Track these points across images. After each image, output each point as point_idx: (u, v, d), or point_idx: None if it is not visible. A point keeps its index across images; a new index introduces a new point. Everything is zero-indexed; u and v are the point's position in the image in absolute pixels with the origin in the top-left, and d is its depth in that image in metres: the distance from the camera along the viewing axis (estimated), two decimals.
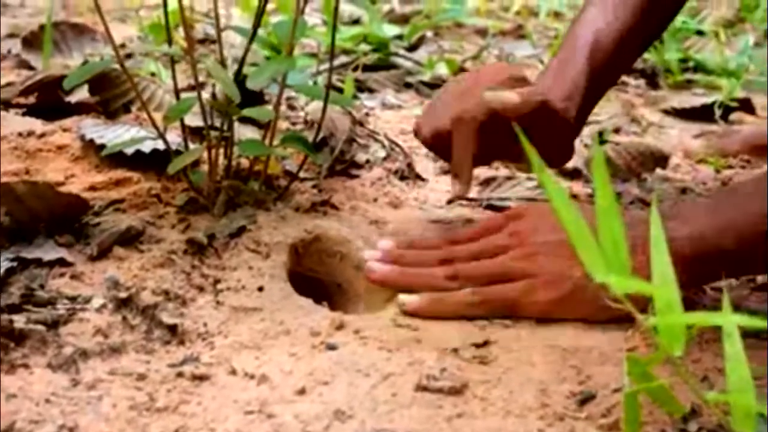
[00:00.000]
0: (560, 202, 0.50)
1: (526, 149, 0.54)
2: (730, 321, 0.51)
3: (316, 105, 1.15)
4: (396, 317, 0.98)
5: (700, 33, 2.09)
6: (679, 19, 2.07)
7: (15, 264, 0.97)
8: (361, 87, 1.72)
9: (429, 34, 2.13)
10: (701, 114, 1.71)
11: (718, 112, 1.68)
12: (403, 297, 0.97)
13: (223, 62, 1.12)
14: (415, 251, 1.04)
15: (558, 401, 0.82)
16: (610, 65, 1.16)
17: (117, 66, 1.07)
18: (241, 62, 1.11)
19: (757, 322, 0.51)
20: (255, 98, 1.30)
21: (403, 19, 2.23)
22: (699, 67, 1.95)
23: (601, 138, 1.42)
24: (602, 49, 1.15)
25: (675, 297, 0.51)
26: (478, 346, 0.91)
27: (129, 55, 1.78)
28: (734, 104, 1.71)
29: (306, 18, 2.04)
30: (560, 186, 0.54)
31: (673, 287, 0.51)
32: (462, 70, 1.84)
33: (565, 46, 1.17)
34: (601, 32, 1.16)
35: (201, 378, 0.84)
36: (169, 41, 1.13)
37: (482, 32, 2.25)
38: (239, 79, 1.09)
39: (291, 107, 1.51)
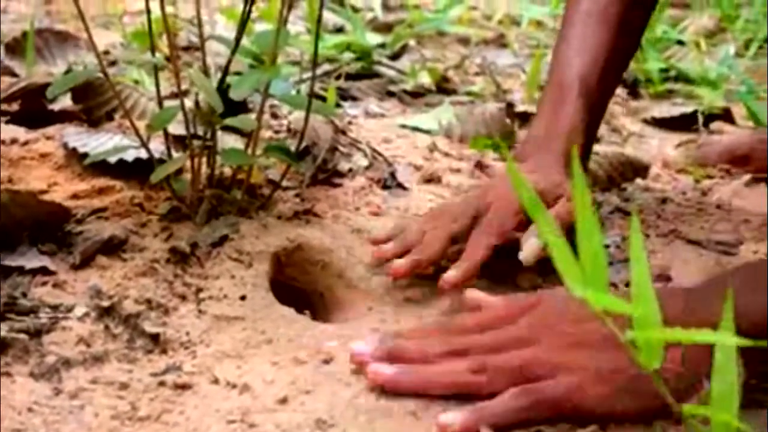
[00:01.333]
0: (538, 214, 0.50)
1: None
2: (709, 338, 0.51)
3: (299, 114, 1.16)
4: (377, 326, 0.98)
5: (680, 43, 2.10)
6: (660, 29, 2.08)
7: None
8: (344, 95, 1.73)
9: (412, 42, 2.13)
10: (682, 124, 1.72)
11: (700, 120, 1.69)
12: (445, 418, 0.80)
13: (206, 71, 1.13)
14: (415, 343, 0.88)
15: None
16: (601, 97, 1.18)
17: (100, 74, 1.07)
18: (225, 72, 1.12)
19: (742, 342, 0.51)
20: (238, 107, 1.30)
21: (386, 28, 2.24)
22: (680, 77, 1.96)
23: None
24: (591, 87, 1.16)
25: (653, 312, 0.52)
26: None
27: (113, 63, 1.79)
28: (716, 111, 1.73)
29: (290, 26, 2.05)
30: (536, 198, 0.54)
31: (651, 303, 0.52)
32: (444, 79, 1.85)
33: (554, 96, 1.17)
34: (586, 69, 1.16)
35: (183, 387, 0.84)
36: (152, 49, 1.13)
37: (465, 41, 2.26)
38: (223, 88, 1.09)
39: (274, 116, 1.52)
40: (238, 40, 1.09)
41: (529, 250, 1.02)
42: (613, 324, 0.52)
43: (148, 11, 1.10)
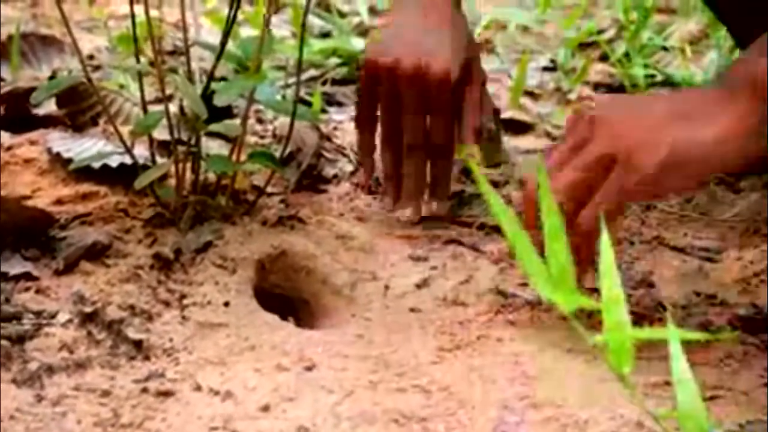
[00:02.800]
0: (504, 218, 0.51)
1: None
2: (676, 336, 0.52)
3: (285, 119, 1.16)
4: (361, 333, 0.98)
5: (665, 49, 2.11)
6: (646, 35, 2.09)
7: None
8: (330, 101, 1.73)
9: None
10: None
11: None
12: None
13: (190, 76, 1.13)
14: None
15: (517, 414, 0.83)
16: None
17: (85, 79, 1.07)
18: (209, 77, 1.12)
19: (701, 336, 0.51)
20: (223, 112, 1.30)
21: None
22: (666, 83, 1.96)
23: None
24: None
25: (623, 315, 0.52)
26: (435, 363, 0.92)
27: (98, 67, 1.78)
28: None
29: (276, 30, 2.04)
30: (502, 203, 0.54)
31: (621, 305, 0.52)
32: None
33: None
34: None
35: (166, 394, 0.84)
36: (137, 55, 1.13)
37: None
38: (207, 93, 1.09)
39: (260, 120, 1.52)
40: (222, 45, 1.09)
41: None
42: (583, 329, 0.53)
43: (133, 16, 1.10)
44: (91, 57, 1.89)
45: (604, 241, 0.53)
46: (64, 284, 0.99)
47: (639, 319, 0.99)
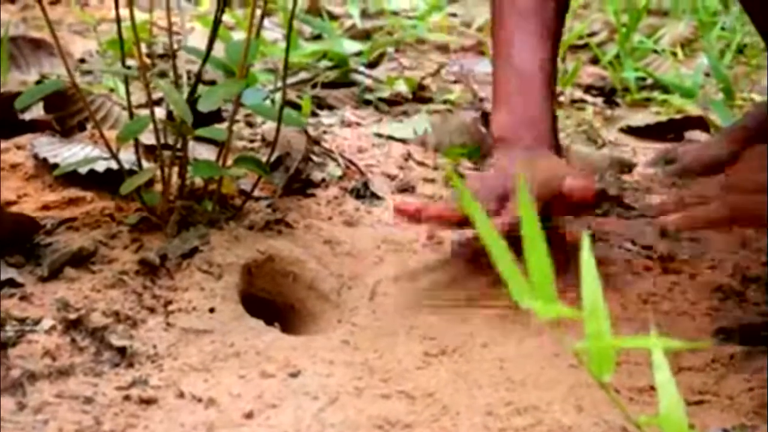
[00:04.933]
0: (486, 231, 0.50)
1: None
2: (656, 345, 0.51)
3: (273, 124, 1.16)
4: (347, 338, 0.98)
5: (655, 51, 2.11)
6: (636, 38, 2.08)
7: None
8: (320, 104, 1.72)
9: (390, 49, 2.13)
10: (657, 132, 1.72)
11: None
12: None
13: (178, 81, 1.12)
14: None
15: (501, 419, 0.83)
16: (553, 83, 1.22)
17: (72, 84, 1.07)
18: (196, 82, 1.11)
19: (683, 345, 0.51)
20: (212, 116, 1.30)
21: (364, 35, 2.24)
22: (656, 86, 1.96)
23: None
24: (549, 76, 1.20)
25: (604, 323, 0.52)
26: (420, 368, 0.92)
27: (89, 71, 1.78)
28: (693, 117, 1.73)
29: (266, 33, 2.04)
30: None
31: (602, 312, 0.52)
32: (421, 87, 1.84)
33: (517, 84, 1.19)
34: (544, 56, 1.20)
35: (148, 401, 0.84)
36: (123, 60, 1.13)
37: (444, 48, 2.26)
38: (194, 98, 1.09)
39: (249, 124, 1.51)
40: (208, 51, 1.08)
41: None
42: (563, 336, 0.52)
43: (119, 21, 1.10)
44: (82, 61, 1.89)
45: (585, 248, 0.53)
46: (48, 291, 0.99)
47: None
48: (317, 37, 2.12)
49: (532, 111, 1.18)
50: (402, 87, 1.85)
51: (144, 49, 1.77)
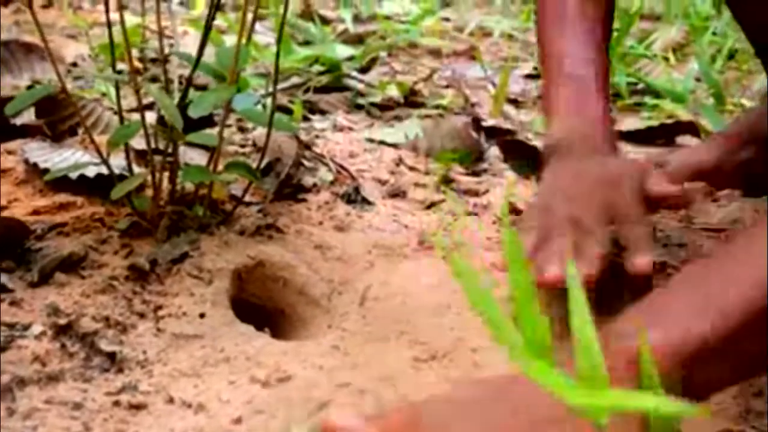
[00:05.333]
0: (470, 285, 0.49)
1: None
2: (652, 406, 0.48)
3: (264, 129, 1.16)
4: (337, 344, 0.98)
5: (646, 56, 2.11)
6: (628, 43, 2.09)
7: None
8: (312, 108, 1.73)
9: (382, 54, 2.14)
10: (648, 137, 1.73)
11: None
12: None
13: (168, 86, 1.12)
14: None
15: None
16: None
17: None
18: (187, 87, 1.12)
19: (681, 409, 0.48)
20: (204, 121, 1.30)
21: (357, 39, 2.24)
22: (648, 90, 1.97)
23: None
24: (605, 81, 1.17)
25: (599, 369, 0.49)
26: (411, 373, 0.92)
27: (81, 76, 1.78)
28: (683, 122, 1.74)
29: (259, 37, 2.05)
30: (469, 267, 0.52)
31: (597, 357, 0.49)
32: (413, 92, 1.85)
33: (575, 89, 1.15)
34: (597, 62, 1.16)
35: (138, 407, 0.84)
36: (113, 65, 1.13)
37: (436, 53, 2.26)
38: (185, 103, 1.09)
39: (241, 129, 1.52)
40: (199, 56, 1.08)
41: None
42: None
43: (109, 25, 1.10)
44: (74, 65, 1.90)
45: (572, 280, 0.51)
46: (38, 296, 0.99)
47: None
48: (310, 42, 2.12)
49: (587, 121, 1.13)
50: (394, 92, 1.86)
51: (136, 53, 1.77)
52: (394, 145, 1.55)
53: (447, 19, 2.58)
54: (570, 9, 1.20)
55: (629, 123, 1.80)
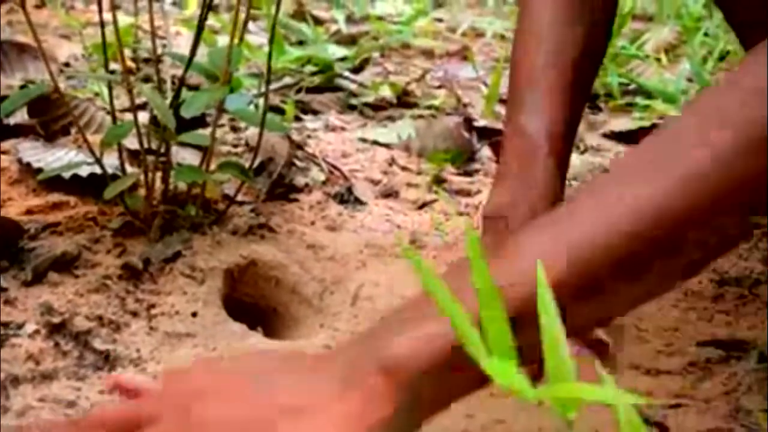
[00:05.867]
0: (432, 286, 0.49)
1: None
2: (619, 401, 0.49)
3: (256, 129, 1.17)
4: (329, 343, 0.99)
5: (637, 56, 2.12)
6: (619, 44, 2.10)
7: None
8: (305, 109, 1.73)
9: (375, 54, 2.14)
10: (640, 137, 1.73)
11: None
12: None
13: (160, 86, 1.13)
14: None
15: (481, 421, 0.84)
16: (567, 149, 1.03)
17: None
18: (179, 87, 1.12)
19: (642, 400, 0.48)
20: (197, 120, 1.31)
21: (350, 40, 2.25)
22: (640, 91, 1.98)
23: None
24: (559, 143, 1.01)
25: (566, 363, 0.50)
26: None
27: (74, 75, 1.78)
28: None
29: (252, 37, 2.05)
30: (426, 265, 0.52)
31: (564, 353, 0.50)
32: (405, 92, 1.85)
33: (521, 153, 1.00)
34: (554, 124, 1.01)
35: None
36: (106, 65, 1.14)
37: (429, 53, 2.27)
38: (178, 103, 1.10)
39: (233, 129, 1.52)
40: (191, 56, 1.09)
41: None
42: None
43: (102, 25, 1.10)
44: (67, 65, 1.90)
45: (540, 282, 0.51)
46: (32, 295, 0.99)
47: None
48: (302, 42, 2.12)
49: (527, 190, 0.97)
50: (386, 92, 1.86)
51: (128, 53, 1.77)
52: (387, 145, 1.55)
53: (440, 20, 2.58)
54: (546, 25, 1.07)
55: (621, 123, 1.80)
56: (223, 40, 1.82)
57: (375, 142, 1.57)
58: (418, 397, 0.67)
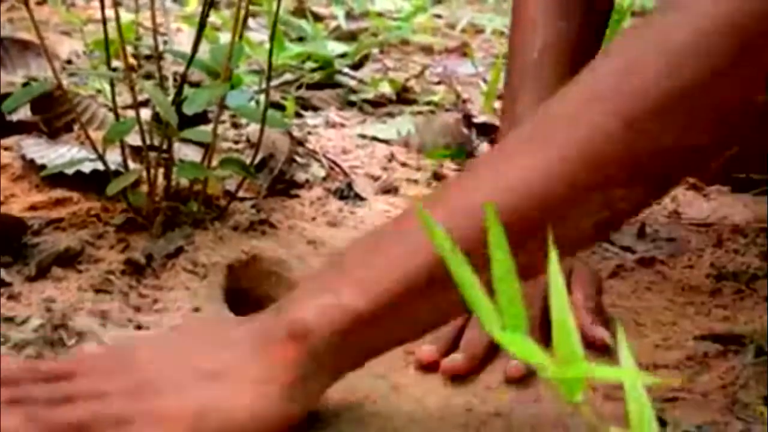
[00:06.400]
0: (444, 247, 0.50)
1: None
2: (630, 376, 0.50)
3: (257, 125, 1.18)
4: None
5: None
6: None
7: None
8: (305, 105, 1.74)
9: (375, 51, 2.15)
10: None
11: None
12: None
13: (162, 83, 1.14)
14: None
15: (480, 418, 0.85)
16: None
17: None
18: (181, 84, 1.13)
19: (661, 380, 0.49)
20: (198, 117, 1.32)
21: (350, 36, 2.25)
22: None
23: None
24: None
25: (576, 346, 0.51)
26: (402, 367, 0.93)
27: (75, 73, 1.79)
28: None
29: (253, 34, 2.06)
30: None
31: (573, 335, 0.51)
32: (405, 88, 1.86)
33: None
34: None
35: None
36: (108, 61, 1.14)
37: (428, 50, 2.27)
38: (180, 100, 1.11)
39: (234, 125, 1.53)
40: (193, 53, 1.10)
41: None
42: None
43: (104, 22, 1.11)
44: (69, 62, 1.90)
45: (553, 264, 0.52)
46: (35, 290, 1.00)
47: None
48: (302, 39, 2.13)
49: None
50: (386, 88, 1.87)
51: (130, 50, 1.78)
52: (386, 142, 1.56)
53: (439, 16, 2.58)
54: (540, 17, 1.08)
55: None
56: (224, 37, 1.83)
57: (374, 138, 1.58)
58: (321, 363, 0.72)
